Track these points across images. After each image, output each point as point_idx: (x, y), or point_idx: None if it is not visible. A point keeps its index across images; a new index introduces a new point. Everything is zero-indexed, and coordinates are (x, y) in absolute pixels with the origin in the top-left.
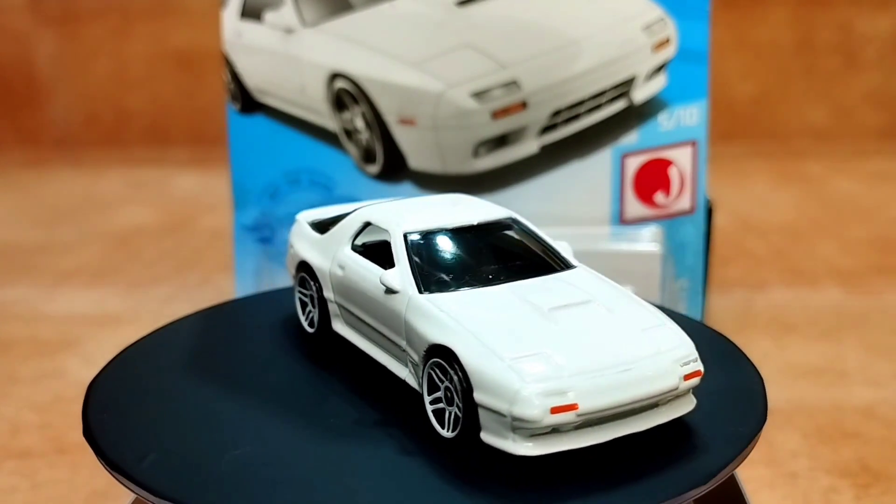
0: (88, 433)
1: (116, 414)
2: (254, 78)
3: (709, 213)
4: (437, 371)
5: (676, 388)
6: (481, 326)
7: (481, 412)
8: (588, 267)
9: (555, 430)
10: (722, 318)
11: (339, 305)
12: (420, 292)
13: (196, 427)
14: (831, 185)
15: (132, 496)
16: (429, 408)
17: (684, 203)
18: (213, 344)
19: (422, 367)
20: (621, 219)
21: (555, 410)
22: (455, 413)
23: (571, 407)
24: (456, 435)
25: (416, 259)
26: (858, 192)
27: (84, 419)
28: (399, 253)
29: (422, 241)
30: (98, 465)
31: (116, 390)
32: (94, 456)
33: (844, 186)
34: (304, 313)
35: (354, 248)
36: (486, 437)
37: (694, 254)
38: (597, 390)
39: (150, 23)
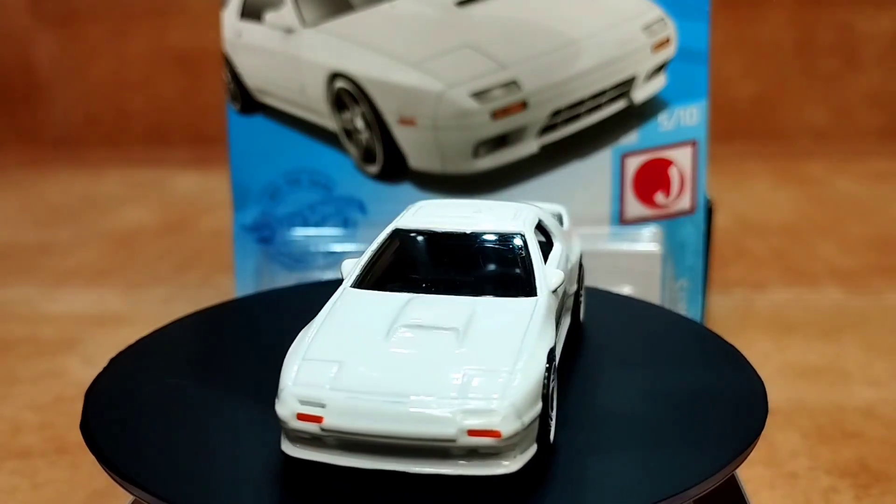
0: (88, 433)
1: (116, 414)
2: (254, 78)
3: (709, 213)
4: None
5: (454, 441)
6: (328, 325)
7: None
8: (548, 299)
9: (318, 440)
10: (722, 318)
11: None
12: (352, 285)
13: (196, 428)
14: (831, 185)
15: (131, 496)
16: None
17: (684, 203)
18: (213, 344)
19: None
20: (621, 219)
21: (301, 417)
22: None
23: (317, 418)
24: None
25: (382, 255)
26: (858, 192)
27: (83, 419)
28: (371, 246)
29: (405, 239)
30: (98, 464)
31: (116, 390)
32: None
33: (844, 186)
34: None
35: None
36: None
37: (694, 254)
38: (350, 412)
39: (150, 23)
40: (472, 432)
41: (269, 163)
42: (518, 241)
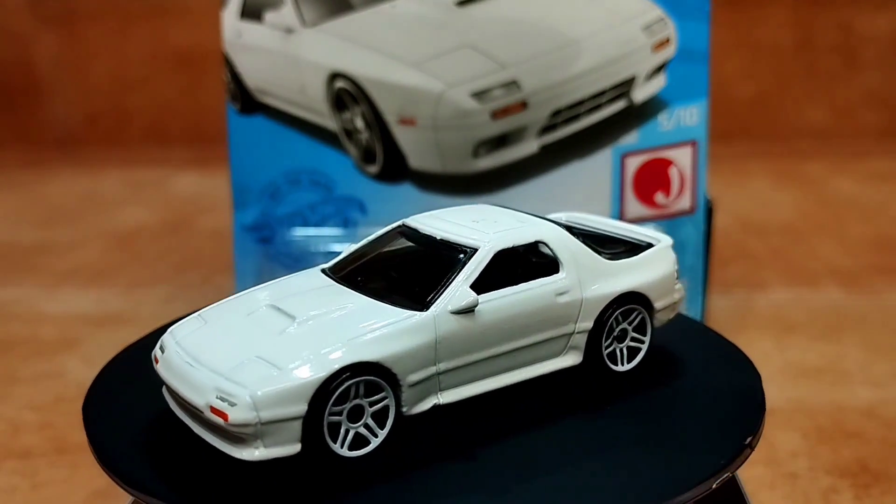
0: (88, 433)
1: (116, 414)
2: (254, 78)
3: (709, 213)
4: None
5: (202, 412)
6: (245, 293)
7: None
8: (437, 319)
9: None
10: (722, 318)
11: None
12: (322, 269)
13: None
14: (831, 185)
15: (131, 496)
16: None
17: (684, 203)
18: None
19: None
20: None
21: (154, 359)
22: None
23: (156, 361)
24: None
25: (370, 245)
26: (858, 192)
27: (84, 419)
28: (370, 236)
29: (402, 234)
30: (98, 464)
31: (116, 390)
32: (94, 456)
33: (844, 186)
34: None
35: None
36: None
37: (694, 254)
38: (166, 361)
39: (150, 23)
40: (212, 409)
41: (269, 163)
42: (462, 256)
